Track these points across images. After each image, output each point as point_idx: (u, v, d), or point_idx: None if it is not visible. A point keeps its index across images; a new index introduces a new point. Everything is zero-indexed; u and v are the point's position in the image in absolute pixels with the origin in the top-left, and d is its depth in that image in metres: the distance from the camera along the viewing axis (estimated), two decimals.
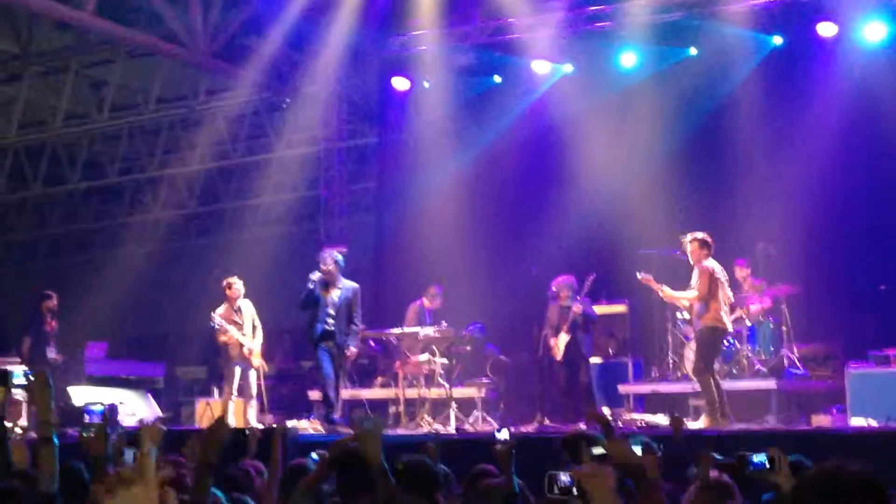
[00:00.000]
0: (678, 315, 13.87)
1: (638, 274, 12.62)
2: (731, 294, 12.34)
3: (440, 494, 5.35)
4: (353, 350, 13.32)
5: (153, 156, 20.68)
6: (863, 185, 14.25)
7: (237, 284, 14.12)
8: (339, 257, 13.32)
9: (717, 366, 12.53)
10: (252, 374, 14.05)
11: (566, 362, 13.76)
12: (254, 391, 14.10)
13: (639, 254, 14.33)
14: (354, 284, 13.31)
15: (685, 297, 12.38)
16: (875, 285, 13.88)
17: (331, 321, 13.02)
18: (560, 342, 13.76)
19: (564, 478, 3.98)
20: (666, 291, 12.41)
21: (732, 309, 13.05)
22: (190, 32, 16.18)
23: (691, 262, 12.22)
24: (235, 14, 16.35)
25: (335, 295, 13.08)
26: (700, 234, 12.19)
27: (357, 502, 4.94)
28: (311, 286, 13.07)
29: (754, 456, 4.67)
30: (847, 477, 2.99)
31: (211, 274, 15.75)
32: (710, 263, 12.10)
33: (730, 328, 12.39)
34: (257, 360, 14.07)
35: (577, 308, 13.70)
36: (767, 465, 4.51)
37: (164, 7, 15.90)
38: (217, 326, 13.83)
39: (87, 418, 6.08)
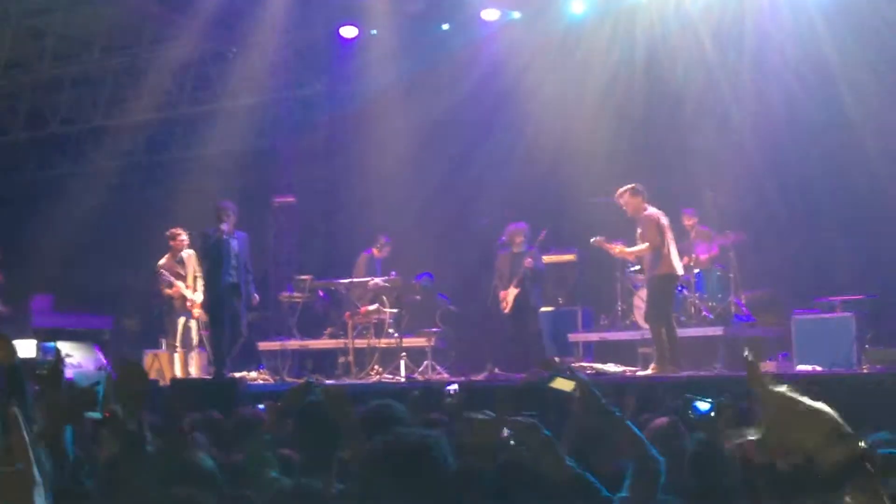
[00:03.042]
0: (628, 264, 13.93)
1: (591, 240, 12.65)
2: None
3: None
4: (256, 297, 13.72)
5: (97, 106, 20.37)
6: (810, 131, 14.32)
7: (182, 235, 14.10)
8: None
9: None
10: (193, 325, 14.05)
11: (515, 312, 13.81)
12: (195, 342, 14.09)
13: (587, 202, 14.37)
14: (243, 233, 13.44)
15: (638, 252, 12.43)
16: (821, 232, 14.01)
17: (234, 272, 13.12)
18: (509, 296, 13.80)
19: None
20: (618, 249, 12.46)
21: (681, 256, 13.14)
22: None
23: (630, 215, 12.26)
24: None
25: (234, 245, 13.16)
26: (629, 185, 12.24)
27: (316, 451, 4.92)
28: (222, 237, 13.07)
29: (699, 402, 4.69)
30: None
31: (157, 225, 15.63)
32: (652, 212, 12.14)
33: (680, 272, 12.47)
34: (198, 311, 14.05)
35: (527, 262, 13.73)
36: (712, 414, 4.53)
37: None
38: (164, 279, 13.83)
39: (42, 356, 6.08)
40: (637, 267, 13.33)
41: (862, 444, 2.49)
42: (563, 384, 4.43)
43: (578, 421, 4.56)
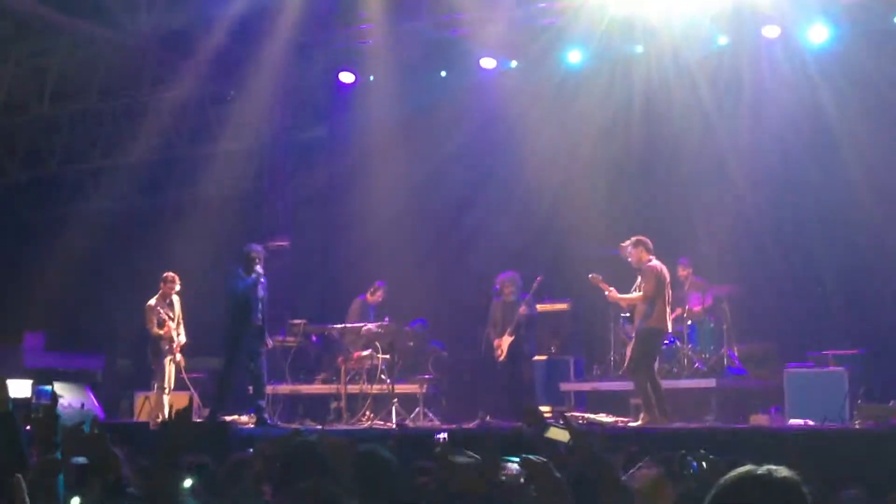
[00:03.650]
0: (621, 314, 13.93)
1: (590, 275, 12.68)
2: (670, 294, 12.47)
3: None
4: (269, 342, 13.73)
5: (95, 146, 20.44)
6: (806, 183, 14.38)
7: (177, 283, 14.22)
8: None
9: (657, 364, 12.62)
10: (173, 368, 14.11)
11: (509, 360, 13.80)
12: (173, 385, 14.16)
13: (583, 252, 14.40)
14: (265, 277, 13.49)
15: (630, 300, 12.46)
16: (815, 286, 14.03)
17: (260, 317, 13.21)
18: (504, 344, 13.80)
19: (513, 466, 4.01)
20: (614, 294, 12.49)
21: (674, 308, 13.16)
22: (134, 21, 16.02)
23: (634, 266, 12.32)
24: (181, 4, 16.19)
25: (261, 289, 13.25)
26: (636, 237, 12.32)
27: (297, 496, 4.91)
28: (253, 279, 13.08)
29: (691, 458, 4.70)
30: (768, 480, 2.98)
31: (152, 266, 15.64)
32: (655, 264, 12.21)
33: (669, 329, 12.52)
34: (179, 356, 14.16)
35: (522, 309, 13.75)
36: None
37: None
38: (158, 318, 13.90)
39: (35, 399, 6.07)
40: (627, 314, 13.33)
41: None
42: (558, 434, 4.44)
43: (571, 469, 4.55)
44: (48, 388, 13.74)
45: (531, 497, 3.79)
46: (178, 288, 14.26)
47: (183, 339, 14.18)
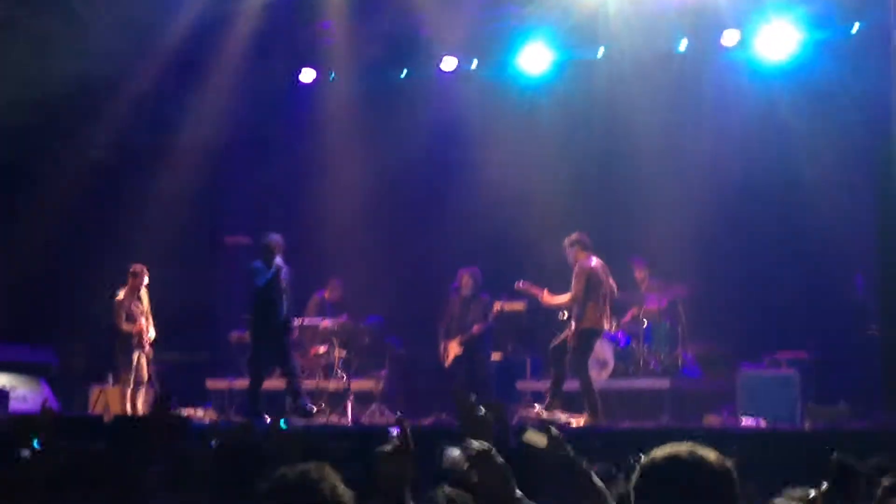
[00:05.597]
0: (558, 316, 13.82)
1: (516, 284, 12.74)
2: (614, 287, 12.45)
3: None
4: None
5: (52, 137, 20.25)
6: (764, 189, 14.54)
7: (146, 275, 14.09)
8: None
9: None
10: (143, 361, 14.02)
11: (465, 359, 13.83)
12: (145, 377, 14.05)
13: (541, 252, 14.46)
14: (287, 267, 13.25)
15: (560, 302, 12.46)
16: (769, 288, 14.17)
17: (285, 307, 12.94)
18: (451, 350, 13.84)
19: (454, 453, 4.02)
20: (547, 297, 12.47)
21: (629, 308, 13.25)
22: (91, 13, 15.92)
23: (571, 265, 12.35)
24: None
25: (283, 279, 12.97)
26: (575, 236, 12.32)
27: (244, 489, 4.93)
28: (274, 270, 12.90)
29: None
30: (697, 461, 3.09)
31: (105, 258, 15.57)
32: (588, 263, 12.19)
33: (605, 328, 12.55)
34: (149, 349, 14.07)
35: (497, 306, 13.83)
36: None
37: None
38: (130, 315, 13.82)
39: None
40: (566, 314, 13.16)
41: None
42: (535, 438, 4.48)
43: (543, 469, 4.61)
44: None
45: (473, 482, 3.82)
46: (146, 281, 14.16)
47: (153, 333, 14.08)
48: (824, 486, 3.32)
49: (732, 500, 3.09)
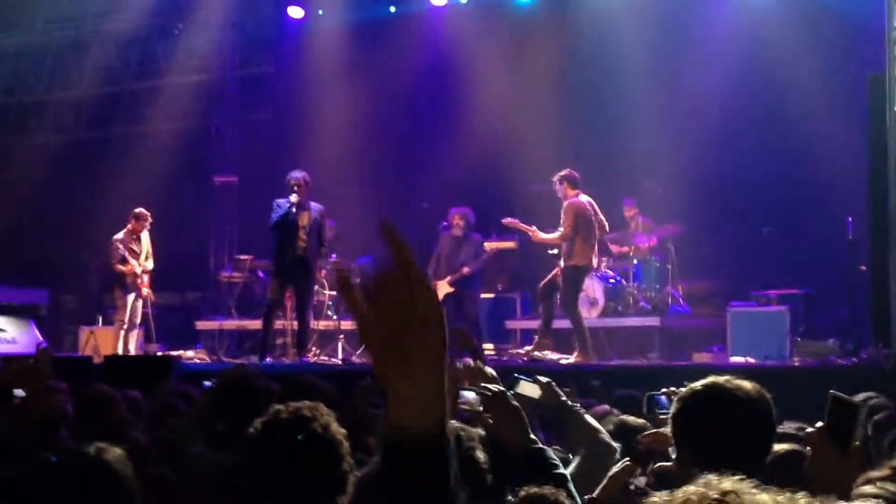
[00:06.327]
0: (549, 251, 13.77)
1: (503, 220, 12.71)
2: (604, 224, 12.45)
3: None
4: (323, 272, 13.29)
5: (39, 79, 20.13)
6: (750, 126, 14.50)
7: (148, 219, 14.04)
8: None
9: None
10: (139, 303, 14.00)
11: (455, 297, 13.84)
12: (138, 320, 14.05)
13: (531, 190, 14.43)
14: (320, 206, 13.06)
15: (550, 239, 12.44)
16: (759, 226, 14.17)
17: (302, 245, 12.75)
18: (440, 291, 13.83)
19: (469, 395, 4.06)
20: (536, 234, 12.41)
21: (619, 245, 13.24)
22: None
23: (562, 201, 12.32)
24: None
25: (306, 217, 12.81)
26: (564, 172, 12.28)
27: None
28: (286, 207, 12.70)
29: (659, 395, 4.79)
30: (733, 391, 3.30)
31: (96, 201, 15.51)
32: (577, 200, 12.16)
33: (594, 265, 12.56)
34: (146, 290, 14.01)
35: (489, 248, 13.83)
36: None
37: None
38: (118, 253, 13.78)
39: None
40: (555, 251, 13.08)
41: None
42: (529, 389, 4.54)
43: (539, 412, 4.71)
44: None
45: (488, 425, 3.87)
46: (148, 226, 14.12)
47: (150, 264, 14.02)
48: (818, 424, 3.37)
49: (770, 426, 3.36)
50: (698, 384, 3.41)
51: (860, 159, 11.64)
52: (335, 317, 14.26)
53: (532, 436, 3.82)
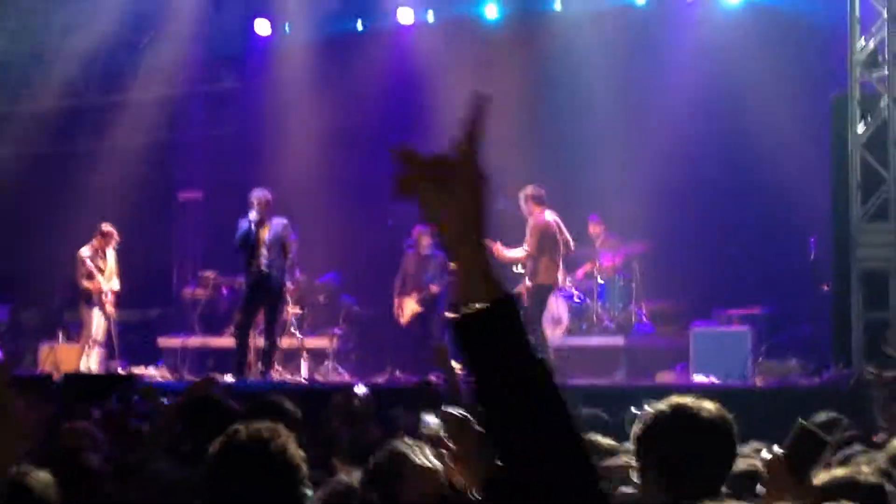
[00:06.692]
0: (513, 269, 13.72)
1: None
2: (570, 242, 12.42)
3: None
4: (290, 286, 13.28)
5: (2, 92, 19.96)
6: (714, 145, 14.55)
7: (115, 236, 14.01)
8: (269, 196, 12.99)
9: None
10: (103, 321, 13.91)
11: (423, 316, 13.79)
12: (101, 337, 13.94)
13: (496, 206, 14.40)
14: (283, 220, 13.09)
15: (514, 258, 12.39)
16: (723, 246, 14.21)
17: (264, 261, 12.73)
18: (406, 307, 13.78)
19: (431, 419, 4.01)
20: (499, 251, 12.24)
21: (584, 264, 13.22)
22: None
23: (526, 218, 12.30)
24: None
25: (266, 233, 12.81)
26: (528, 189, 12.26)
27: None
28: (247, 225, 12.72)
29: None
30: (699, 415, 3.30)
31: (59, 215, 15.37)
32: (542, 217, 12.13)
33: (559, 283, 12.53)
34: (110, 307, 13.94)
35: (434, 288, 13.76)
36: None
37: None
38: (86, 269, 13.69)
39: None
40: (521, 269, 13.04)
41: None
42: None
43: None
44: None
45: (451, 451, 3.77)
46: (114, 243, 14.07)
47: (115, 284, 13.99)
48: (776, 448, 3.39)
49: (732, 448, 3.35)
50: (662, 405, 3.40)
51: (824, 180, 11.71)
52: (298, 335, 14.17)
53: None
